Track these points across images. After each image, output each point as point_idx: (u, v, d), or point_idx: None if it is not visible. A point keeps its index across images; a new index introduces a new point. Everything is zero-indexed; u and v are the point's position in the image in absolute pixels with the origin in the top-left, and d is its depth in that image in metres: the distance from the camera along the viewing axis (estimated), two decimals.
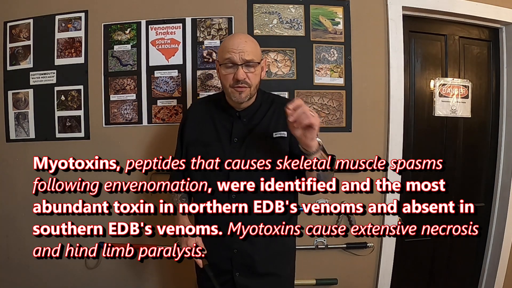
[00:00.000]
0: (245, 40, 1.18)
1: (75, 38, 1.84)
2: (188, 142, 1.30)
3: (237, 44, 1.16)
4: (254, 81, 1.19)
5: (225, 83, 1.20)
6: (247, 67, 1.16)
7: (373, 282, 1.94)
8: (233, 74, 1.16)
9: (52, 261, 1.54)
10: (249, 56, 1.15)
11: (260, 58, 1.21)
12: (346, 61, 1.84)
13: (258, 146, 1.21)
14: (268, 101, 1.30)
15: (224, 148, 1.23)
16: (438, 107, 2.05)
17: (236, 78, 1.15)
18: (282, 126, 1.22)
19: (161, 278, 1.89)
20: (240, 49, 1.15)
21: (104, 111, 1.84)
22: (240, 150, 1.21)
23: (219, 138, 1.25)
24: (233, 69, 1.16)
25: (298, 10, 1.84)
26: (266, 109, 1.27)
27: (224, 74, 1.19)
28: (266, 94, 1.33)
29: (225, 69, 1.18)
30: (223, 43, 1.22)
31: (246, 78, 1.16)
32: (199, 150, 1.25)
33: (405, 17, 1.90)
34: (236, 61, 1.15)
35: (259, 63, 1.20)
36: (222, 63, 1.18)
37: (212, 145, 1.24)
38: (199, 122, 1.30)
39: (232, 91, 1.18)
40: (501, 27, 2.10)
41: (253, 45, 1.19)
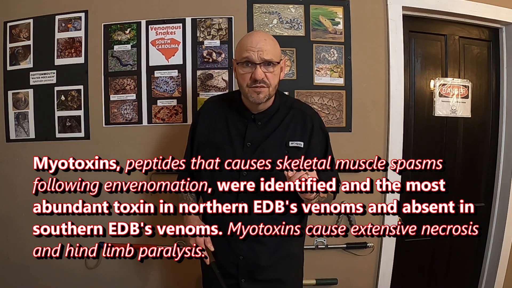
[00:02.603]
0: (264, 38, 1.13)
1: (75, 38, 1.84)
2: (199, 142, 1.27)
3: (256, 42, 1.11)
4: (273, 81, 1.14)
5: (242, 83, 1.15)
6: (266, 66, 1.12)
7: (373, 282, 1.94)
8: (251, 73, 1.12)
9: (52, 261, 1.54)
10: (268, 56, 1.11)
11: (279, 58, 1.17)
12: (346, 61, 1.84)
13: (272, 154, 1.16)
14: (286, 105, 1.24)
15: (236, 152, 1.19)
16: (438, 107, 2.05)
17: (254, 78, 1.11)
18: (299, 136, 1.20)
19: (161, 278, 1.88)
20: (259, 48, 1.10)
21: (104, 111, 1.83)
22: (253, 156, 1.17)
23: (231, 141, 1.21)
24: (251, 68, 1.12)
25: (298, 10, 1.84)
26: (284, 114, 1.22)
27: (241, 74, 1.14)
28: (284, 97, 1.29)
29: (242, 68, 1.13)
30: (241, 41, 1.16)
31: (264, 78, 1.11)
32: (210, 152, 1.21)
33: (405, 17, 1.89)
34: (255, 60, 1.10)
35: (279, 63, 1.16)
36: (240, 61, 1.14)
37: (223, 148, 1.20)
38: (211, 122, 1.26)
39: (250, 91, 1.13)
40: (501, 27, 2.10)
41: (273, 44, 1.15)
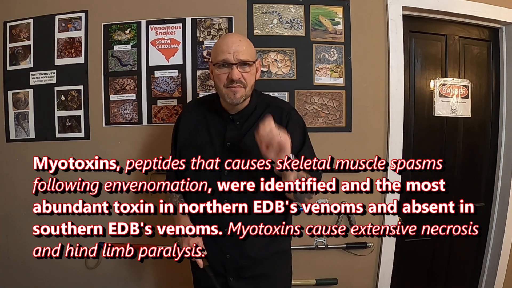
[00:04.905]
0: (239, 40, 1.16)
1: (75, 38, 1.84)
2: (181, 145, 1.29)
3: (231, 43, 1.14)
4: (249, 80, 1.16)
5: (219, 84, 1.17)
6: (242, 66, 1.14)
7: (373, 282, 1.94)
8: (227, 74, 1.14)
9: (52, 261, 1.54)
10: (244, 56, 1.13)
11: (254, 58, 1.20)
12: (346, 61, 1.84)
13: (251, 151, 1.17)
14: (263, 104, 1.26)
15: (217, 152, 1.21)
16: (438, 107, 2.05)
17: (231, 78, 1.13)
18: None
19: (161, 278, 1.89)
20: (234, 49, 1.13)
21: (104, 111, 1.84)
22: (232, 155, 1.19)
23: (212, 141, 1.23)
24: (228, 69, 1.14)
25: (298, 10, 1.84)
26: (261, 112, 1.23)
27: (217, 74, 1.16)
28: (262, 96, 1.30)
29: (219, 69, 1.15)
30: (217, 43, 1.19)
31: (241, 78, 1.13)
32: (192, 153, 1.23)
33: (405, 17, 1.89)
34: (231, 60, 1.12)
35: (254, 63, 1.18)
36: (216, 63, 1.16)
37: (205, 149, 1.22)
38: (192, 125, 1.28)
39: (227, 91, 1.15)
40: (501, 27, 2.10)
41: (248, 45, 1.17)
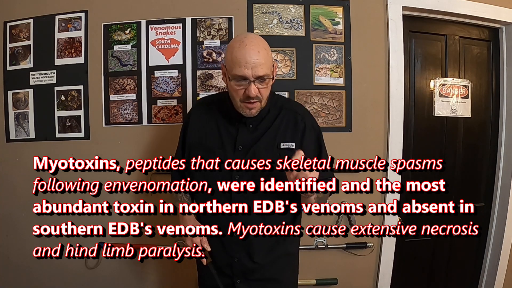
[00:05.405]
0: (258, 51, 1.07)
1: (75, 38, 1.84)
2: (191, 144, 1.26)
3: (249, 56, 1.05)
4: (265, 94, 1.12)
5: (234, 96, 1.12)
6: (259, 82, 1.08)
7: (373, 282, 1.94)
8: (244, 89, 1.08)
9: (52, 261, 1.54)
10: (262, 71, 1.06)
11: (272, 69, 1.13)
12: (346, 61, 1.84)
13: (263, 157, 1.15)
14: (277, 106, 1.22)
15: (227, 155, 1.18)
16: (438, 107, 2.05)
17: (248, 95, 1.08)
18: (290, 137, 1.19)
19: (161, 278, 1.89)
20: (253, 63, 1.05)
21: (104, 111, 1.84)
22: (244, 159, 1.16)
23: (222, 144, 1.20)
24: (245, 82, 1.08)
25: (298, 10, 1.84)
26: (275, 116, 1.20)
27: (234, 88, 1.10)
28: (275, 97, 1.26)
29: (235, 83, 1.09)
30: (234, 54, 1.08)
31: (258, 94, 1.09)
32: (201, 155, 1.20)
33: (405, 17, 1.89)
34: (249, 77, 1.06)
35: (272, 76, 1.13)
36: (233, 77, 1.09)
37: (215, 152, 1.19)
38: (202, 125, 1.25)
39: (242, 106, 1.12)
40: (501, 27, 2.10)
41: (266, 56, 1.09)
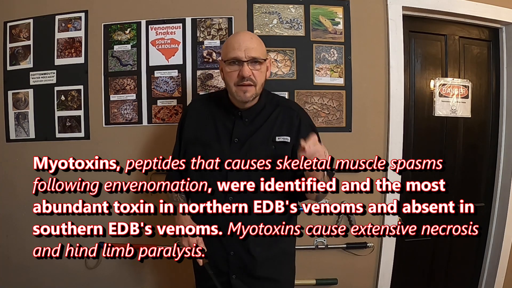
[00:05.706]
0: (251, 37, 1.17)
1: (75, 38, 1.84)
2: (187, 140, 1.28)
3: (242, 40, 1.14)
4: (259, 79, 1.16)
5: (229, 81, 1.17)
6: (252, 64, 1.14)
7: (373, 282, 1.94)
8: (238, 71, 1.14)
9: (52, 261, 1.54)
10: (255, 53, 1.14)
11: (265, 56, 1.19)
12: (346, 61, 1.84)
13: (259, 149, 1.19)
14: (272, 103, 1.26)
15: (224, 149, 1.20)
16: (438, 107, 2.05)
17: (242, 75, 1.13)
18: (286, 131, 1.21)
19: (161, 278, 1.89)
20: (245, 46, 1.13)
21: (104, 111, 1.83)
22: (240, 152, 1.19)
23: (218, 138, 1.23)
24: (238, 66, 1.14)
25: (298, 10, 1.84)
26: (270, 111, 1.24)
27: (228, 72, 1.16)
28: (271, 95, 1.30)
29: (229, 67, 1.15)
30: (228, 40, 1.20)
31: (251, 75, 1.14)
32: (198, 150, 1.23)
33: (405, 17, 1.89)
34: (242, 57, 1.13)
35: (265, 61, 1.18)
36: (226, 60, 1.16)
37: (211, 146, 1.22)
38: (198, 120, 1.28)
39: (237, 90, 1.15)
40: (501, 27, 2.10)
41: (259, 43, 1.18)
